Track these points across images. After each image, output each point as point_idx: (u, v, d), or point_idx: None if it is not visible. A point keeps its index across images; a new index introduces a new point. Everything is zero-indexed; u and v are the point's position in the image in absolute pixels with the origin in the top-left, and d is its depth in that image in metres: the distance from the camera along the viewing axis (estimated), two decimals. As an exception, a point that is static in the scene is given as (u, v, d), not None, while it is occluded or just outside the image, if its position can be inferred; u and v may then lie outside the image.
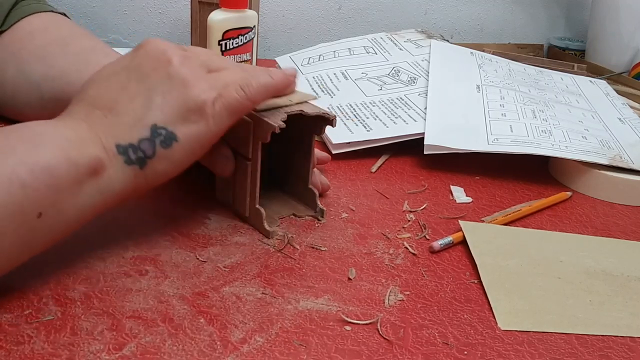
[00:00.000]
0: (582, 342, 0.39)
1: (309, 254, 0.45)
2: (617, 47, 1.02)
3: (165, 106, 0.39)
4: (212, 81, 0.41)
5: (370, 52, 0.85)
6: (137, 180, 0.39)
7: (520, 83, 0.79)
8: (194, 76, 0.40)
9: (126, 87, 0.40)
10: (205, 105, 0.40)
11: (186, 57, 0.41)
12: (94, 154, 0.37)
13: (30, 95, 0.56)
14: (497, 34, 1.18)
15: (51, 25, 0.60)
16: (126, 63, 0.41)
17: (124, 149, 0.38)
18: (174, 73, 0.40)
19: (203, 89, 0.40)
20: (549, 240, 0.51)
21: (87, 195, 0.37)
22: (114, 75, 0.41)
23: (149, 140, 0.39)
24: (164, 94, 0.39)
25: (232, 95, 0.41)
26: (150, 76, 0.40)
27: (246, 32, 0.69)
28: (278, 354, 0.35)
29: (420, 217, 0.52)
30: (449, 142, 0.62)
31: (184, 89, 0.39)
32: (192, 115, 0.39)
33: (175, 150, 0.39)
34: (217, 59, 0.44)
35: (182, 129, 0.39)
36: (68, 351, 0.33)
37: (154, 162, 0.39)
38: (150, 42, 0.42)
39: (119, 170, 0.38)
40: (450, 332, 0.39)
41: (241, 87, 0.41)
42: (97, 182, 0.37)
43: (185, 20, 0.94)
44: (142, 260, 0.42)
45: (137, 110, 0.39)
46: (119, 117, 0.39)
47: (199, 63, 0.42)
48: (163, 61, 0.40)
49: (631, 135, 0.70)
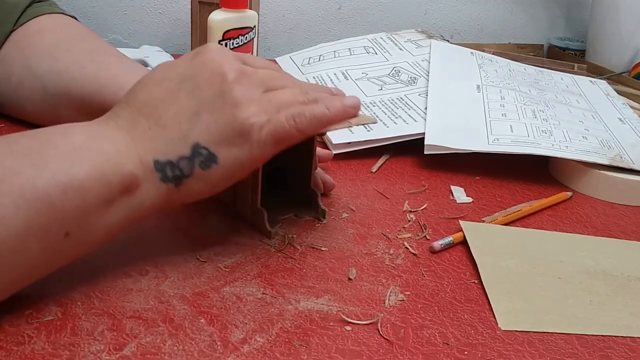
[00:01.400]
0: (582, 342, 0.39)
1: (309, 254, 0.45)
2: (617, 47, 1.02)
3: (211, 125, 0.37)
4: (265, 104, 0.39)
5: (371, 52, 0.85)
6: (171, 197, 0.38)
7: (520, 83, 0.79)
8: (246, 97, 0.38)
9: (176, 97, 0.38)
10: (252, 130, 0.38)
11: (243, 74, 0.39)
12: (129, 170, 0.36)
13: (34, 88, 0.57)
14: (497, 34, 1.18)
15: (60, 26, 0.61)
16: (181, 70, 0.39)
17: (162, 166, 0.37)
18: (227, 91, 0.38)
19: (253, 112, 0.38)
20: (549, 240, 0.51)
21: (117, 213, 0.36)
22: (166, 82, 0.39)
23: (188, 160, 0.37)
24: (212, 112, 0.38)
25: (281, 124, 0.38)
26: (202, 90, 0.38)
27: (246, 32, 0.69)
28: (278, 354, 0.35)
29: (420, 217, 0.52)
30: (449, 142, 0.62)
31: (234, 109, 0.38)
32: (237, 138, 0.38)
33: (214, 172, 0.38)
34: (277, 75, 0.42)
35: (224, 151, 0.38)
36: (68, 351, 0.33)
37: (190, 181, 0.38)
38: (208, 51, 0.39)
39: (153, 187, 0.37)
40: (451, 332, 0.39)
41: (293, 117, 0.39)
42: (128, 200, 0.36)
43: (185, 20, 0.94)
44: (142, 260, 0.42)
45: (182, 125, 0.37)
46: (162, 130, 0.37)
47: (256, 81, 0.39)
48: (218, 75, 0.38)
49: (631, 135, 0.70)
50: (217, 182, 0.39)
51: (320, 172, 0.53)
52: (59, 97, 0.56)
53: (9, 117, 0.61)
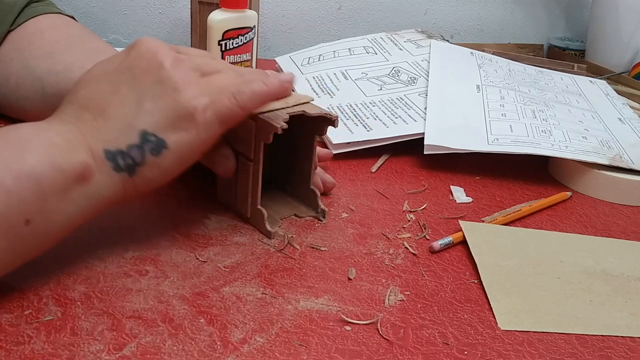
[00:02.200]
0: (582, 342, 0.39)
1: (309, 254, 0.45)
2: (617, 47, 1.02)
3: (155, 112, 0.38)
4: (204, 86, 0.40)
5: (370, 52, 0.85)
6: (126, 187, 0.39)
7: (520, 83, 0.79)
8: (185, 81, 0.39)
9: (117, 89, 0.39)
10: (195, 112, 0.39)
11: (178, 60, 0.40)
12: (81, 159, 0.36)
13: (33, 89, 0.57)
14: (497, 34, 1.18)
15: (59, 26, 0.61)
16: (118, 64, 0.40)
17: (113, 155, 0.38)
18: (165, 77, 0.39)
19: (194, 94, 0.39)
20: (549, 240, 0.51)
21: (75, 202, 0.36)
22: (105, 76, 0.40)
23: (138, 147, 0.38)
24: (154, 99, 0.38)
25: (224, 102, 0.40)
26: (141, 79, 0.39)
27: (246, 32, 0.69)
28: (278, 354, 0.35)
29: (420, 217, 0.52)
30: (449, 142, 0.62)
31: (175, 94, 0.38)
32: (182, 122, 0.39)
33: (165, 157, 0.39)
34: (212, 61, 0.43)
35: (172, 136, 0.38)
36: (68, 351, 0.33)
37: (143, 170, 0.38)
38: (143, 42, 0.40)
39: (107, 176, 0.37)
40: (450, 332, 0.39)
41: (233, 95, 0.40)
42: (84, 188, 0.36)
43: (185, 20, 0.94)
44: (142, 260, 0.42)
45: (127, 114, 0.38)
46: (108, 121, 0.38)
47: (192, 66, 0.40)
48: (155, 64, 0.39)
49: (631, 135, 0.70)
50: (171, 168, 0.39)
51: (320, 171, 0.53)
52: (58, 97, 0.56)
53: (9, 118, 0.61)
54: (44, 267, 0.39)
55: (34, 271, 0.39)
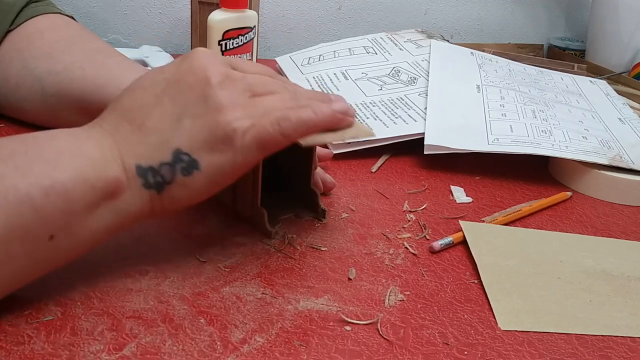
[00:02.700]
0: (582, 342, 0.39)
1: (309, 254, 0.45)
2: (617, 47, 1.02)
3: (193, 130, 0.37)
4: (250, 108, 0.38)
5: (370, 52, 0.85)
6: (154, 204, 0.38)
7: (520, 83, 0.79)
8: (230, 101, 0.37)
9: (160, 102, 0.37)
10: (234, 135, 0.37)
11: (228, 78, 0.38)
12: (113, 175, 0.35)
13: (32, 89, 0.57)
14: (497, 34, 1.18)
15: (59, 26, 0.61)
16: (167, 75, 0.38)
17: (144, 172, 0.36)
18: (209, 95, 0.37)
19: (236, 116, 0.37)
20: (549, 240, 0.51)
21: (102, 217, 0.36)
22: (152, 86, 0.38)
23: (169, 165, 0.37)
24: (194, 117, 0.37)
25: (265, 128, 0.37)
26: (185, 95, 0.37)
27: (246, 32, 0.69)
28: (278, 354, 0.35)
29: (420, 217, 0.52)
30: (449, 142, 0.62)
31: (216, 114, 0.37)
32: (219, 144, 0.37)
33: (196, 179, 0.37)
34: (267, 81, 0.41)
35: (207, 157, 0.37)
36: (68, 351, 0.33)
37: (172, 189, 0.37)
38: (196, 55, 0.38)
39: (136, 193, 0.37)
40: (450, 332, 0.39)
41: (278, 121, 0.38)
42: (113, 204, 0.36)
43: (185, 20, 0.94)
44: (142, 261, 0.42)
45: (165, 130, 0.37)
46: (145, 135, 0.37)
47: (242, 86, 0.38)
48: (202, 79, 0.37)
49: (631, 135, 0.70)
50: (200, 189, 0.38)
51: (320, 171, 0.53)
52: (58, 97, 0.56)
53: (8, 118, 0.61)
54: (44, 267, 0.39)
55: (34, 271, 0.39)
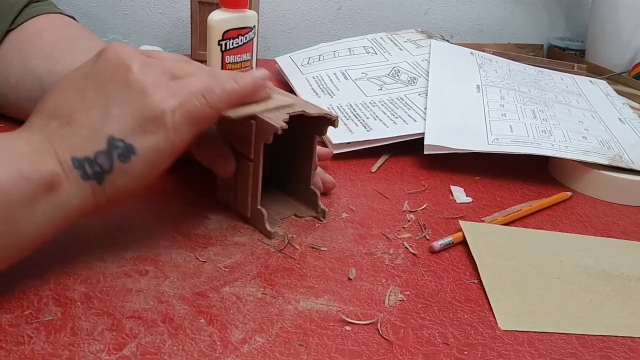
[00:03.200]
0: (582, 342, 0.39)
1: (309, 254, 0.45)
2: (617, 47, 1.02)
3: (122, 116, 0.37)
4: (174, 89, 0.38)
5: (370, 52, 0.85)
6: (96, 195, 0.37)
7: (520, 83, 0.79)
8: (153, 84, 0.38)
9: (84, 96, 0.38)
10: (164, 114, 0.37)
11: (147, 64, 0.39)
12: (48, 168, 0.35)
13: (33, 89, 0.57)
14: (497, 34, 1.18)
15: (59, 26, 0.61)
16: (86, 70, 0.39)
17: (80, 163, 0.36)
18: (132, 81, 0.37)
19: (163, 97, 0.37)
20: (549, 240, 0.51)
21: (43, 212, 0.35)
22: (73, 84, 0.39)
23: (105, 154, 0.36)
24: (121, 104, 0.37)
25: (193, 103, 0.38)
26: (108, 84, 0.38)
27: (246, 32, 0.69)
28: (278, 354, 0.35)
29: (420, 217, 0.52)
30: (449, 142, 0.62)
31: (143, 97, 0.37)
32: (151, 125, 0.37)
33: (135, 163, 0.37)
34: (184, 65, 0.42)
35: (141, 140, 0.37)
36: (68, 351, 0.33)
37: (112, 177, 0.37)
38: (111, 48, 0.39)
39: (75, 185, 0.36)
40: (450, 332, 0.39)
41: (202, 95, 0.39)
42: (53, 198, 0.35)
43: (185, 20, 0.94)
44: (142, 261, 0.42)
45: (94, 121, 0.37)
46: (75, 128, 0.37)
47: (162, 69, 0.39)
48: (122, 68, 0.38)
49: (631, 135, 0.70)
50: (141, 174, 0.38)
51: (320, 171, 0.53)
52: None
53: (8, 118, 0.61)
54: (44, 267, 0.39)
55: (34, 271, 0.39)
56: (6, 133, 0.37)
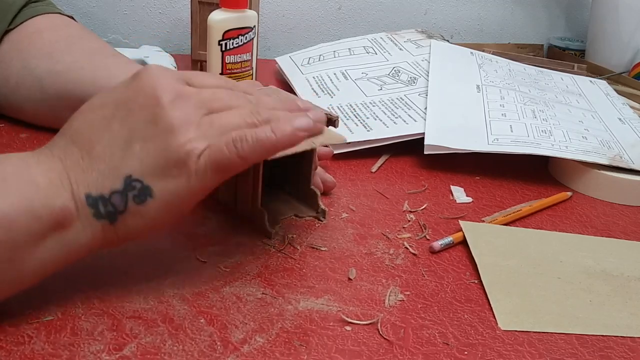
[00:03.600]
0: (582, 342, 0.39)
1: (309, 254, 0.45)
2: (617, 47, 1.02)
3: (144, 155, 0.34)
4: (205, 128, 0.35)
5: (370, 52, 0.85)
6: (106, 233, 0.35)
7: (520, 83, 0.79)
8: (183, 122, 0.34)
9: (109, 125, 0.35)
10: (188, 158, 0.34)
11: (181, 96, 0.35)
12: (61, 204, 0.33)
13: (32, 89, 0.57)
14: (497, 34, 1.18)
15: (59, 26, 0.61)
16: (117, 95, 0.36)
17: (94, 201, 0.34)
18: (159, 116, 0.34)
19: (190, 139, 0.34)
20: (549, 240, 0.51)
21: (50, 249, 0.33)
22: (101, 108, 0.36)
23: (120, 194, 0.34)
24: (144, 141, 0.34)
25: (221, 150, 0.35)
26: (135, 116, 0.35)
27: (246, 32, 0.69)
28: (278, 354, 0.35)
29: (420, 217, 0.52)
30: (449, 142, 0.62)
31: (168, 136, 0.34)
32: (172, 169, 0.34)
33: (150, 206, 0.35)
34: (224, 94, 0.38)
35: (160, 183, 0.34)
36: (68, 351, 0.33)
37: (125, 218, 0.35)
38: (145, 73, 0.36)
39: (87, 223, 0.34)
40: (451, 332, 0.39)
41: (234, 143, 0.35)
42: (61, 236, 0.34)
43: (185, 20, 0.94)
44: (142, 261, 0.42)
45: (115, 156, 0.34)
46: (94, 161, 0.34)
47: (197, 102, 0.36)
48: (152, 99, 0.35)
49: (631, 135, 0.70)
50: (156, 217, 0.35)
51: (320, 171, 0.53)
52: (57, 97, 0.56)
53: (9, 118, 0.61)
54: (44, 267, 0.39)
55: (34, 271, 0.39)
56: (22, 155, 0.35)
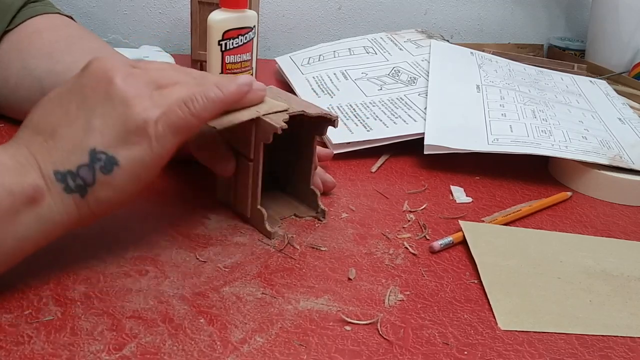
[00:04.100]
0: (582, 342, 0.39)
1: (309, 254, 0.45)
2: (617, 47, 1.02)
3: (104, 128, 0.36)
4: (157, 98, 0.38)
5: (370, 52, 0.85)
6: (80, 209, 0.37)
7: (520, 83, 0.79)
8: (136, 95, 0.37)
9: (68, 109, 0.37)
10: (146, 125, 0.37)
11: (130, 75, 0.38)
12: (31, 181, 0.35)
13: (32, 89, 0.57)
14: (497, 34, 1.18)
15: (58, 26, 0.61)
16: (71, 85, 0.39)
17: (63, 176, 0.36)
18: (114, 92, 0.37)
19: (145, 107, 0.37)
20: (549, 240, 0.51)
21: (26, 225, 0.35)
22: (58, 99, 0.38)
23: (87, 167, 0.36)
24: (103, 116, 0.37)
25: (175, 113, 0.38)
26: (90, 97, 0.37)
27: (246, 32, 0.69)
28: (278, 354, 0.35)
29: (420, 217, 0.52)
30: (449, 142, 0.62)
31: (124, 108, 0.37)
32: (133, 136, 0.37)
33: (117, 175, 0.37)
34: (170, 73, 0.41)
35: (123, 152, 0.37)
36: (68, 351, 0.33)
37: (95, 190, 0.37)
38: (95, 61, 0.39)
39: (58, 199, 0.36)
40: (450, 332, 0.39)
41: (185, 104, 0.38)
42: (35, 212, 0.35)
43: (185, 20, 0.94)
44: (142, 261, 0.42)
45: (76, 134, 0.37)
46: (58, 142, 0.37)
47: (146, 80, 0.39)
48: (104, 80, 0.37)
49: (631, 135, 0.70)
50: (124, 186, 0.37)
51: (320, 171, 0.53)
52: None
53: (8, 118, 0.61)
54: (44, 267, 0.39)
55: (34, 271, 0.39)
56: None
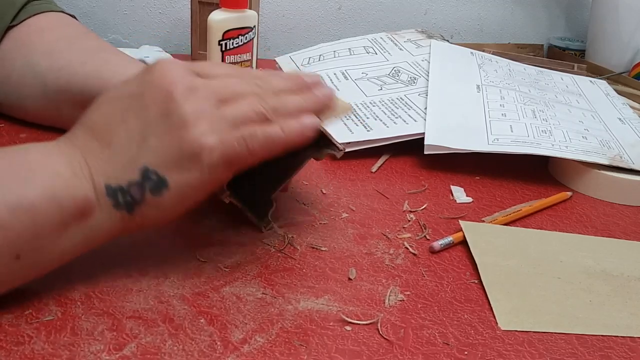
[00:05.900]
0: (582, 342, 0.39)
1: (309, 254, 0.45)
2: (617, 47, 1.02)
3: (159, 148, 0.36)
4: (216, 121, 0.37)
5: (370, 52, 0.85)
6: (125, 223, 0.37)
7: (520, 83, 0.79)
8: (195, 115, 0.36)
9: (125, 118, 0.37)
10: (202, 151, 0.36)
11: (191, 89, 0.37)
12: (83, 194, 0.35)
13: (34, 86, 0.57)
14: (497, 34, 1.18)
15: (60, 24, 0.61)
16: (132, 88, 0.38)
17: (113, 192, 0.36)
18: (172, 110, 0.36)
19: (202, 132, 0.36)
20: (549, 240, 0.51)
21: (71, 237, 0.35)
22: (117, 101, 0.38)
23: (138, 185, 0.36)
24: (159, 135, 0.36)
25: (232, 146, 0.37)
26: (149, 110, 0.36)
27: (246, 32, 0.69)
28: (278, 354, 0.35)
29: (420, 217, 0.52)
30: (449, 142, 0.62)
31: (181, 130, 0.36)
32: (186, 161, 0.36)
33: (165, 197, 0.37)
34: (234, 83, 0.39)
35: (175, 175, 0.36)
36: (68, 351, 0.33)
37: (142, 208, 0.37)
38: (158, 66, 0.37)
39: (107, 214, 0.36)
40: (451, 332, 0.39)
41: (244, 139, 0.37)
42: (83, 225, 0.36)
43: (185, 20, 0.94)
44: (142, 260, 0.42)
45: (131, 148, 0.36)
46: (113, 154, 0.36)
47: (207, 94, 0.37)
48: (164, 93, 0.36)
49: (631, 135, 0.70)
50: (171, 208, 0.38)
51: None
52: (59, 93, 0.56)
53: (9, 118, 0.61)
54: (44, 267, 0.39)
55: (34, 271, 0.39)
56: (44, 145, 0.37)
